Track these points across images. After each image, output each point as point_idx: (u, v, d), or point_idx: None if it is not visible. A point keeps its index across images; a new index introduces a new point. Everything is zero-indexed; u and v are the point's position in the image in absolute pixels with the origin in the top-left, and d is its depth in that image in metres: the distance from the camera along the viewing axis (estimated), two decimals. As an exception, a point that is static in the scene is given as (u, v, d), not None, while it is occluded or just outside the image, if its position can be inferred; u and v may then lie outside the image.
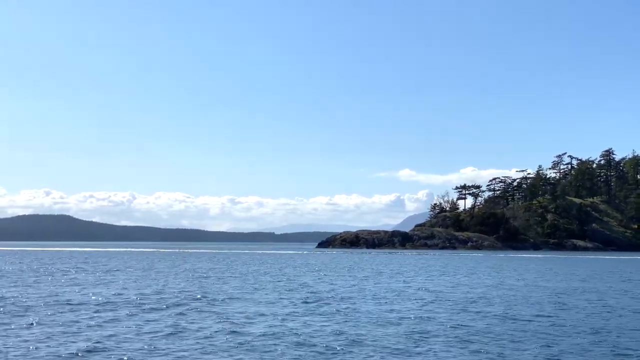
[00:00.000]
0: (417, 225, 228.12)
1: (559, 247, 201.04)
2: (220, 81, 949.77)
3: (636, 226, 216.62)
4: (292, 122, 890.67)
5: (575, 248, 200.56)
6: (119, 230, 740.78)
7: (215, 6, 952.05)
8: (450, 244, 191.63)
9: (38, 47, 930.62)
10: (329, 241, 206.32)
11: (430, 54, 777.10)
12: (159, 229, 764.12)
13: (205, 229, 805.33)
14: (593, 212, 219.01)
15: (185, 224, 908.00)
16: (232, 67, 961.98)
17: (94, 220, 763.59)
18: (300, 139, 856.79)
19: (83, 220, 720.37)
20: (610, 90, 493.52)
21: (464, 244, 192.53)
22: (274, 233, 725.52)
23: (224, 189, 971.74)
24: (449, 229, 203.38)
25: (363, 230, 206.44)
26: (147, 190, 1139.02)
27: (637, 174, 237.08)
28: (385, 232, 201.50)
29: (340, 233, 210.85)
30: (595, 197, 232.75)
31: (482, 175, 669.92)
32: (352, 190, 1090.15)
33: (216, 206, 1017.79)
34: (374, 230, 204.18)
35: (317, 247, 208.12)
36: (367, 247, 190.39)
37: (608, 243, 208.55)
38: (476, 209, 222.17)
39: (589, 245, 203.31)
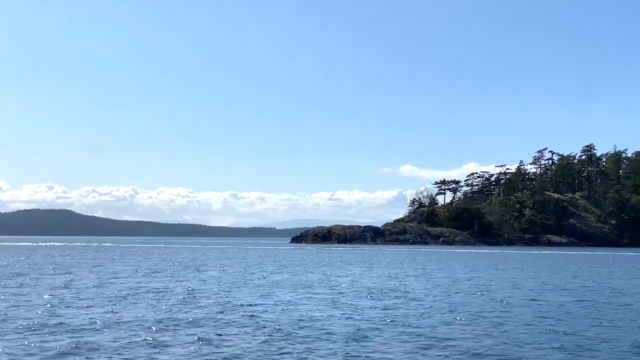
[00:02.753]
0: (396, 221, 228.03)
1: (534, 242, 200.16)
2: (222, 77, 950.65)
3: (614, 222, 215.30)
4: (294, 117, 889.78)
5: (550, 243, 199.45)
6: (121, 225, 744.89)
7: (217, 3, 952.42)
8: (422, 239, 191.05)
9: (40, 43, 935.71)
10: (302, 236, 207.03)
11: (431, 50, 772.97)
12: (162, 223, 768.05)
13: (208, 224, 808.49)
14: (570, 208, 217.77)
15: (188, 219, 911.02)
16: (234, 63, 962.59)
17: (96, 215, 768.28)
18: (302, 134, 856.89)
19: (84, 215, 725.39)
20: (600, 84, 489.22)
21: (435, 239, 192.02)
22: (274, 228, 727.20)
23: (226, 184, 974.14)
24: (423, 224, 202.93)
25: (337, 225, 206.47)
26: (150, 186, 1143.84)
27: (618, 169, 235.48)
28: (359, 227, 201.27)
29: (313, 228, 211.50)
30: (576, 193, 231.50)
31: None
32: (354, 186, 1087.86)
33: (218, 201, 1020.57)
34: (347, 225, 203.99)
35: (291, 241, 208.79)
36: (339, 242, 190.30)
37: (585, 238, 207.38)
38: (454, 205, 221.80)
39: (564, 240, 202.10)
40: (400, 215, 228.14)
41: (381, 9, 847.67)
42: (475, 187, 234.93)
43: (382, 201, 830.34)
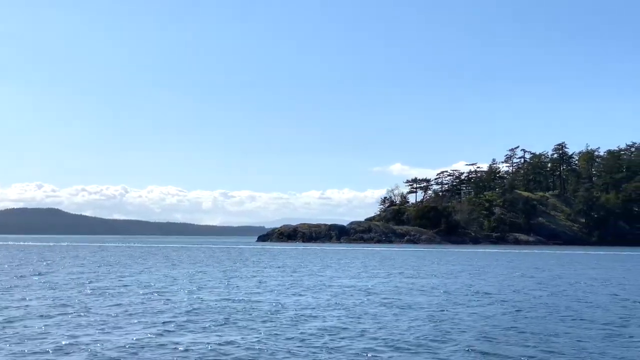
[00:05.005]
0: (367, 219, 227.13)
1: (501, 241, 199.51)
2: (212, 76, 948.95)
3: (584, 220, 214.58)
4: (285, 116, 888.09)
5: (517, 242, 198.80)
6: (110, 223, 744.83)
7: (209, 1, 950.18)
8: (387, 238, 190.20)
9: (31, 42, 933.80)
10: (268, 234, 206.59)
11: (423, 49, 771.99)
12: (151, 222, 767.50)
13: (198, 223, 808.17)
14: (540, 206, 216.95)
15: (179, 217, 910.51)
16: (225, 62, 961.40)
17: (85, 214, 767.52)
18: (292, 133, 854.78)
19: (73, 214, 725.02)
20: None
21: (401, 238, 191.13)
22: (264, 227, 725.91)
23: (216, 183, 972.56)
24: (390, 222, 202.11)
25: (303, 223, 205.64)
26: (140, 184, 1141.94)
27: (590, 168, 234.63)
28: (325, 225, 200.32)
29: (279, 227, 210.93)
30: (548, 192, 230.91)
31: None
32: (344, 185, 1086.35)
33: (208, 200, 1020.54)
34: (313, 224, 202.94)
35: (257, 240, 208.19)
36: (304, 241, 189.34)
37: (554, 237, 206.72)
38: (424, 203, 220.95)
39: (531, 239, 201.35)
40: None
41: (374, 8, 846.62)
42: (446, 186, 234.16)
43: (372, 200, 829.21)
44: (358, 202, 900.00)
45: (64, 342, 18.20)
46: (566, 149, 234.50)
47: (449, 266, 64.18)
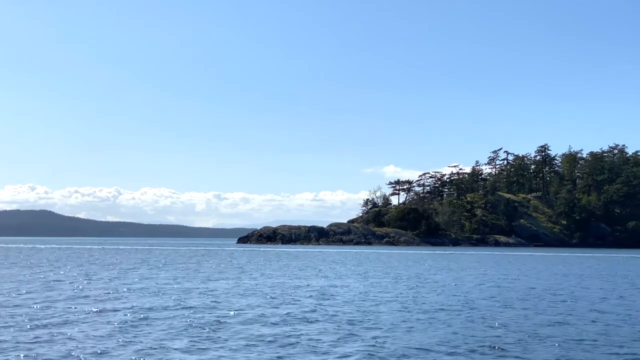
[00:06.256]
0: (349, 221, 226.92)
1: (482, 242, 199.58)
2: (205, 76, 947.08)
3: (565, 222, 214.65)
4: (278, 118, 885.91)
5: (497, 244, 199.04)
6: (103, 225, 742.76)
7: (202, 1, 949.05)
8: (366, 240, 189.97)
9: (23, 42, 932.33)
10: (248, 236, 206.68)
11: (416, 49, 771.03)
12: (144, 224, 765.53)
13: (191, 225, 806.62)
14: (521, 208, 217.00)
15: (171, 219, 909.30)
16: (219, 63, 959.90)
17: (79, 215, 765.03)
18: (285, 134, 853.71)
19: (66, 216, 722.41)
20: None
21: (380, 240, 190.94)
22: (256, 229, 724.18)
23: (210, 184, 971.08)
24: (370, 224, 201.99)
25: (283, 225, 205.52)
26: (133, 186, 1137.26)
27: (573, 169, 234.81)
28: (305, 227, 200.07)
29: (259, 228, 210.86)
30: (531, 194, 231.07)
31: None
32: (337, 187, 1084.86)
33: (202, 202, 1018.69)
34: (294, 225, 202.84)
35: (237, 242, 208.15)
36: (283, 243, 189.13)
37: (535, 239, 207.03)
38: (405, 205, 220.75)
39: (511, 241, 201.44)
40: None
41: (364, 10, 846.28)
42: (428, 188, 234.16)
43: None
44: (352, 204, 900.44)
45: None
46: (549, 151, 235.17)
47: (364, 267, 63.86)
